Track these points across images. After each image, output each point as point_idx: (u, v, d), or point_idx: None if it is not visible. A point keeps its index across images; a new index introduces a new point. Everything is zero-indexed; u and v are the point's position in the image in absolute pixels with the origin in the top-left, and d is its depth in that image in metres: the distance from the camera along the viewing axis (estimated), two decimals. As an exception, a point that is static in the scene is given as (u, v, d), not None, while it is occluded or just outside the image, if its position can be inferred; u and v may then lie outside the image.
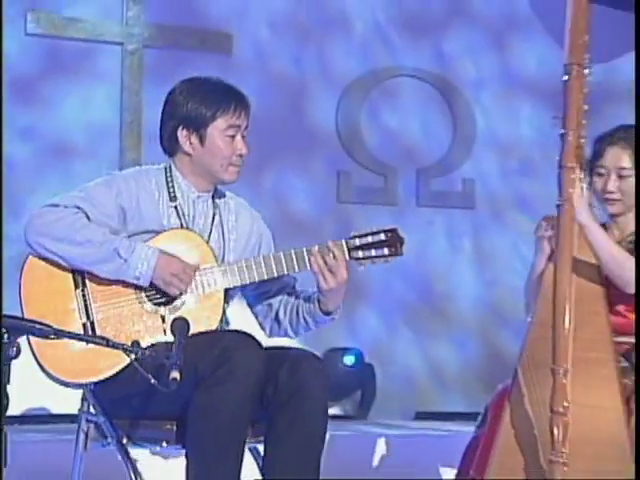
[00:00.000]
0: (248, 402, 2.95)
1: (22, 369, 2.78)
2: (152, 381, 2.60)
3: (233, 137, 3.25)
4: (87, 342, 2.73)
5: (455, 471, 5.62)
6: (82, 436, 3.25)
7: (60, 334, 2.54)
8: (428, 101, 7.66)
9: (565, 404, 2.94)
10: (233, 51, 7.09)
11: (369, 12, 7.51)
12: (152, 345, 3.00)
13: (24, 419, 6.16)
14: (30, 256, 3.17)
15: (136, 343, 2.72)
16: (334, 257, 3.13)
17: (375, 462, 5.45)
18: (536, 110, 7.76)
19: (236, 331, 3.20)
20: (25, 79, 6.68)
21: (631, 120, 6.90)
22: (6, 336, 2.35)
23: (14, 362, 2.37)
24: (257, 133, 7.08)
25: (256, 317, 3.46)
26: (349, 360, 7.00)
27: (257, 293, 3.37)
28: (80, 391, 3.26)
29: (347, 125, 7.47)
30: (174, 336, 2.76)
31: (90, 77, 6.87)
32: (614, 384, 3.13)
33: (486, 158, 7.68)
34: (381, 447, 5.51)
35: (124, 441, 3.10)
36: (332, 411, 6.98)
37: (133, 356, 2.61)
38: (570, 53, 3.14)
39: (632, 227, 3.50)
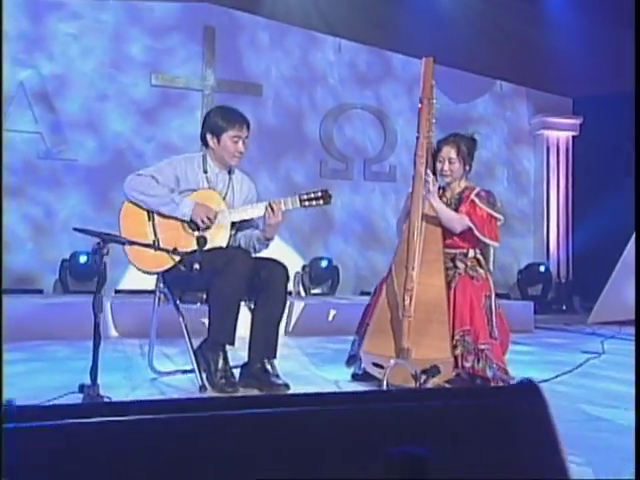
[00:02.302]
0: (242, 284, 2.91)
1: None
2: (182, 268, 2.80)
3: (236, 142, 3.14)
4: (144, 246, 2.74)
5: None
6: (157, 299, 3.22)
7: (130, 242, 2.64)
8: (370, 122, 7.70)
9: (412, 285, 2.90)
10: (262, 94, 7.20)
11: (338, 72, 7.57)
12: (191, 252, 2.88)
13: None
14: (125, 202, 3.09)
15: (176, 249, 2.80)
16: (279, 207, 3.03)
17: (331, 318, 5.50)
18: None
19: (237, 248, 3.14)
20: (150, 110, 6.86)
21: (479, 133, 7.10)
22: (102, 243, 2.41)
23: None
24: (275, 139, 7.37)
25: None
26: (324, 263, 7.04)
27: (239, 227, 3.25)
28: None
29: (325, 135, 7.49)
30: (198, 245, 2.84)
31: (184, 109, 6.99)
32: (441, 273, 3.10)
33: (402, 154, 7.68)
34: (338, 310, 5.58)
35: (177, 302, 3.11)
36: (315, 290, 7.29)
37: (177, 257, 2.81)
38: (423, 92, 3.17)
39: (458, 190, 3.42)
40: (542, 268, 7.75)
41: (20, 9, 6.58)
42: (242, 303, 3.01)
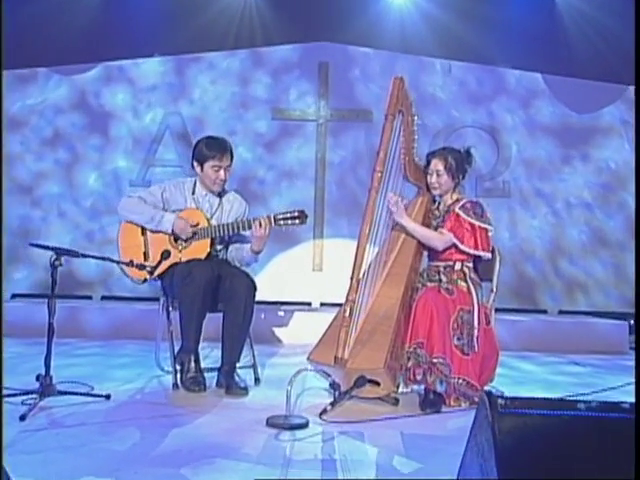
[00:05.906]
0: (200, 294, 2.92)
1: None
2: (131, 280, 3.04)
3: (217, 171, 3.18)
4: (98, 259, 2.84)
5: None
6: (160, 307, 3.26)
7: (83, 255, 2.70)
8: (482, 139, 7.26)
9: (353, 296, 2.75)
10: (373, 119, 7.12)
11: (448, 93, 7.33)
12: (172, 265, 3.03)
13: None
14: (123, 220, 3.21)
15: (132, 261, 2.89)
16: (266, 223, 3.02)
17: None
18: (546, 142, 7.31)
19: (201, 260, 3.11)
20: (271, 141, 7.18)
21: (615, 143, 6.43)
22: (56, 256, 2.58)
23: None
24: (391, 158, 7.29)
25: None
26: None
27: (229, 243, 3.28)
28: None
29: (434, 154, 7.29)
30: (161, 257, 2.93)
31: (302, 137, 7.21)
32: (401, 285, 2.94)
33: (517, 169, 7.28)
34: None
35: (170, 308, 3.23)
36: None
37: (146, 268, 2.89)
38: (388, 108, 3.06)
39: (449, 202, 3.28)
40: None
41: (170, 64, 7.38)
42: (208, 311, 3.10)
